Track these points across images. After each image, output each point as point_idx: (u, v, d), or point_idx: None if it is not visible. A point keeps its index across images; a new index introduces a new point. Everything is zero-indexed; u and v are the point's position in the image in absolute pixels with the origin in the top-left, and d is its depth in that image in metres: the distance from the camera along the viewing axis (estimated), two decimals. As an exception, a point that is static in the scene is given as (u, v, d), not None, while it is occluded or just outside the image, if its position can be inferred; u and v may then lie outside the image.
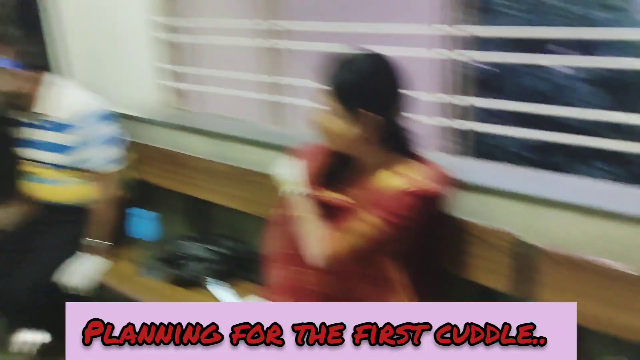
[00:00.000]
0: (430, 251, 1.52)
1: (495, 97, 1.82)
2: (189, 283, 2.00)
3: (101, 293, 2.14)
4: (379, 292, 1.46)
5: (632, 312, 1.28)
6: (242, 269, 2.02)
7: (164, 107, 2.46)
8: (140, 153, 2.36)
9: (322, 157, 1.53)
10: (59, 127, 2.15)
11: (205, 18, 2.38)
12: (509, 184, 1.55)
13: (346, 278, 1.45)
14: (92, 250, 2.16)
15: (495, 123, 1.74)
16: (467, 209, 1.55)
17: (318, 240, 1.42)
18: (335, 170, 1.51)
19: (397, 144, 1.43)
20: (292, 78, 2.11)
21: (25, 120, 2.22)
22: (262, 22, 2.12)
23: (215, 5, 2.50)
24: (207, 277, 1.98)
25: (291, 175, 1.53)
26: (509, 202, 1.53)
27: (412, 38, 1.76)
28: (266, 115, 2.21)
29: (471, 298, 1.58)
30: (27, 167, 2.26)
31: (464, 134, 1.78)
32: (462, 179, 1.53)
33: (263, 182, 1.94)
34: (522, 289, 1.46)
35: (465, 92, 1.74)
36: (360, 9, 2.97)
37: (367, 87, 1.36)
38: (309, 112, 1.44)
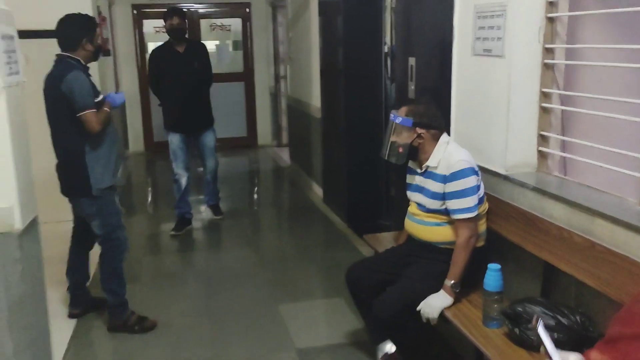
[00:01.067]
0: None
1: None
2: (527, 344, 2.10)
3: (447, 326, 2.43)
4: None
5: None
6: (582, 344, 1.99)
7: (532, 170, 2.60)
8: (498, 208, 2.56)
9: None
10: (438, 178, 2.53)
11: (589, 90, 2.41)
12: None
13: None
14: (446, 288, 2.47)
15: None
16: None
17: None
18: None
19: None
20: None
21: (415, 169, 2.68)
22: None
23: (600, 79, 2.50)
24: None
25: None
26: None
27: None
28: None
29: None
30: (411, 208, 2.72)
31: None
32: None
33: (621, 265, 1.90)
34: None
35: None
36: None
37: None
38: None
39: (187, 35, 4.96)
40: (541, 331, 1.54)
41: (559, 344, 2.01)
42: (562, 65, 2.53)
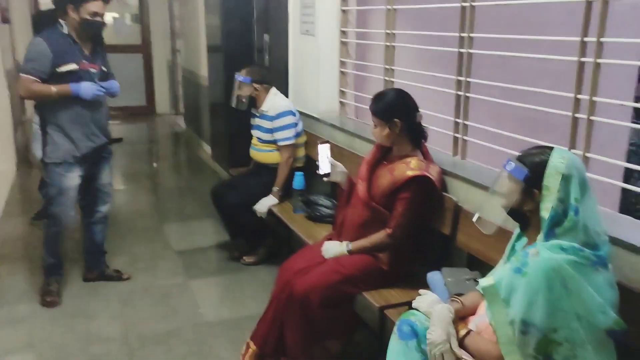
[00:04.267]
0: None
1: None
2: (317, 219, 3.36)
3: (270, 219, 3.65)
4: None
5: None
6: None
7: (337, 114, 3.85)
8: (310, 139, 3.81)
9: (375, 150, 2.69)
10: (268, 118, 3.72)
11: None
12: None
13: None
14: (273, 193, 3.68)
15: None
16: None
17: None
18: (382, 154, 2.67)
19: (412, 139, 2.52)
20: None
21: (255, 113, 3.86)
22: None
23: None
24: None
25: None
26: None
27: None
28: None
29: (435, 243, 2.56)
30: (253, 141, 3.90)
31: None
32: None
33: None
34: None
35: None
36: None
37: (390, 105, 2.50)
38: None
39: None
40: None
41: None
42: (354, 42, 3.78)
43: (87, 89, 3.01)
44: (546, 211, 1.60)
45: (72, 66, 3.00)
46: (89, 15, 2.98)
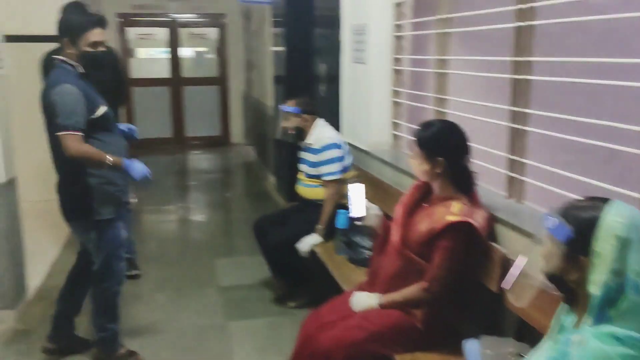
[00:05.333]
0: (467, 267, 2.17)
1: None
2: (357, 262, 3.05)
3: (313, 259, 3.37)
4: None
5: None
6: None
7: (389, 147, 3.55)
8: (360, 175, 3.52)
9: (414, 190, 2.37)
10: (313, 151, 3.48)
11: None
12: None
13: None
14: (317, 231, 3.41)
15: None
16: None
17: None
18: (422, 194, 2.34)
19: (456, 183, 2.18)
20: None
21: (302, 146, 3.63)
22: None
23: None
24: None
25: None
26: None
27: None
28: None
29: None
30: (299, 175, 3.66)
31: None
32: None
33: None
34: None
35: None
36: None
37: (436, 140, 2.18)
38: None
39: None
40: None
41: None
42: (407, 70, 3.49)
43: (139, 169, 2.58)
44: (596, 286, 1.22)
45: (103, 109, 2.61)
46: (89, 46, 2.54)
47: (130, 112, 9.42)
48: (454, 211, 2.11)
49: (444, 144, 2.18)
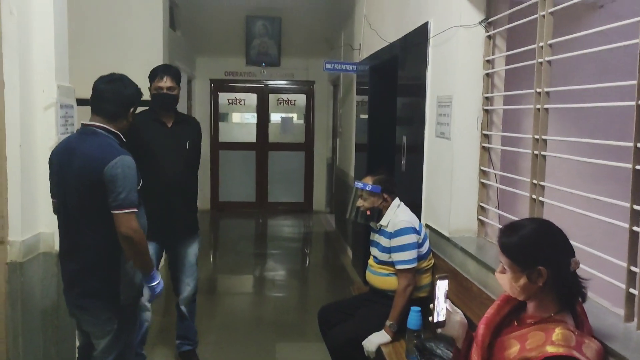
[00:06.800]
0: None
1: None
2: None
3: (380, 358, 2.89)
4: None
5: None
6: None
7: (474, 236, 3.07)
8: (439, 264, 3.04)
9: (501, 303, 1.89)
10: (386, 234, 3.07)
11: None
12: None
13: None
14: (385, 328, 2.95)
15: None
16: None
17: None
18: (511, 312, 1.86)
19: (560, 297, 1.70)
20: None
21: (374, 227, 3.24)
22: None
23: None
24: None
25: None
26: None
27: None
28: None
29: None
30: (369, 260, 3.25)
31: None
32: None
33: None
34: None
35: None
36: None
37: (532, 245, 1.73)
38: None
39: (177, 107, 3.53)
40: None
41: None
42: (498, 148, 3.04)
43: (160, 286, 2.54)
44: None
45: (140, 182, 2.46)
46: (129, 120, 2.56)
47: (216, 174, 9.52)
48: (555, 339, 1.61)
49: (543, 248, 1.72)
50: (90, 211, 2.37)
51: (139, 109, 2.74)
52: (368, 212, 3.20)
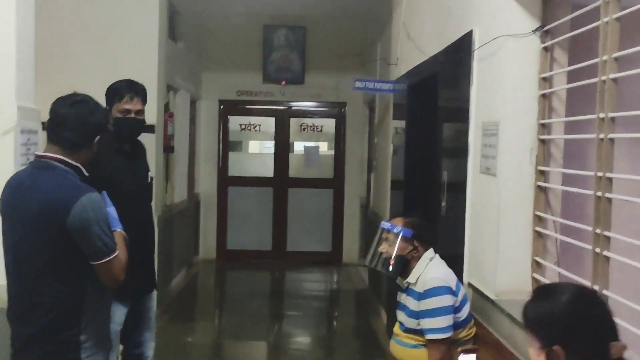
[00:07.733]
0: None
1: None
2: None
3: None
4: None
5: None
6: None
7: (526, 297, 2.98)
8: (482, 334, 2.96)
9: None
10: (415, 295, 3.02)
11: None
12: None
13: None
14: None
15: None
16: None
17: None
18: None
19: None
20: None
21: (401, 285, 3.18)
22: None
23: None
24: None
25: None
26: None
27: None
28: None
29: None
30: (395, 327, 3.19)
31: None
32: None
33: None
34: None
35: None
36: None
37: (548, 320, 1.67)
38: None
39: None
40: None
41: None
42: (558, 188, 2.98)
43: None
44: None
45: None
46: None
47: (223, 216, 9.54)
48: None
49: (565, 325, 1.66)
50: (51, 266, 2.36)
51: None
52: (392, 261, 3.15)
